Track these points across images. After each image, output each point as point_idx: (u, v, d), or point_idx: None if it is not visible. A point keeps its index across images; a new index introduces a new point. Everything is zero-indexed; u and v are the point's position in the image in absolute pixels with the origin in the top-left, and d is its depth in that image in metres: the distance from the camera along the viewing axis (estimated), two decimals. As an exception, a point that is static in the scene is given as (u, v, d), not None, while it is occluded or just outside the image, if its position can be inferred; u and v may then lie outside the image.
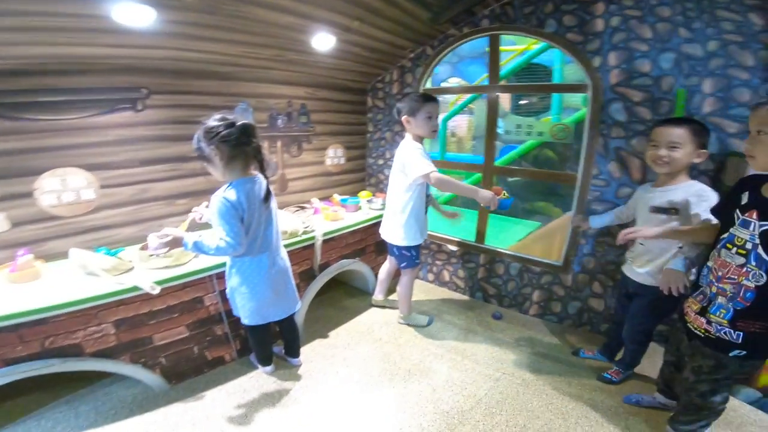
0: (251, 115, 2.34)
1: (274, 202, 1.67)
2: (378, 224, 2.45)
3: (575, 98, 4.26)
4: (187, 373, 1.84)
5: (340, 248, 2.44)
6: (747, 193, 1.21)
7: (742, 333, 1.18)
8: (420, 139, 2.09)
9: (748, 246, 1.14)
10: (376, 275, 2.70)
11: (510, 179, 4.53)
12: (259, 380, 1.88)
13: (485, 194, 1.89)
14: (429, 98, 2.02)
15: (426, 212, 2.25)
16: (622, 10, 2.00)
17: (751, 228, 1.15)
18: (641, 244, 1.72)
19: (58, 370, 1.43)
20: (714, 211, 1.38)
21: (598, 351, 2.08)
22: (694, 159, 1.58)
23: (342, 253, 2.46)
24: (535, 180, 4.49)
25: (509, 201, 2.04)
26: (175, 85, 2.01)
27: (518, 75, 4.21)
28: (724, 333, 1.21)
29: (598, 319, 2.37)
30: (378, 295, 2.62)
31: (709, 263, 1.29)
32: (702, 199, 1.52)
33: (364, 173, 3.34)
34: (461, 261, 2.84)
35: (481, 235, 2.73)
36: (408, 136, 2.08)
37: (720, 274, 1.22)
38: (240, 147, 1.47)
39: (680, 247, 1.57)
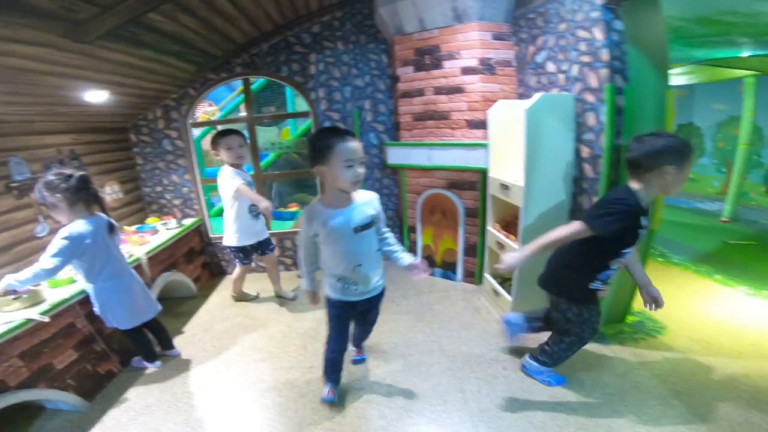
0: (27, 167, 2.44)
1: (118, 232, 2.11)
2: (179, 240, 3.10)
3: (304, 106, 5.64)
4: (94, 389, 2.07)
5: (157, 264, 2.86)
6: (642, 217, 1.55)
7: None
8: (234, 165, 2.68)
9: None
10: (194, 281, 3.27)
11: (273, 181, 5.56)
12: (154, 377, 2.23)
13: (264, 204, 2.55)
14: (224, 134, 2.67)
15: (257, 219, 2.82)
16: (324, 58, 3.29)
17: None
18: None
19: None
20: (615, 230, 1.52)
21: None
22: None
23: (160, 268, 2.89)
24: (291, 178, 5.68)
25: (288, 214, 2.72)
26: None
27: (261, 91, 5.23)
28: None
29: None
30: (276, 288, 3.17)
31: (614, 266, 1.68)
32: (378, 204, 1.72)
33: (142, 202, 3.63)
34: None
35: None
36: (225, 164, 2.69)
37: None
38: (80, 193, 1.88)
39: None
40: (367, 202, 1.65)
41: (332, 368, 1.93)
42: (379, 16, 3.07)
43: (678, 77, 3.95)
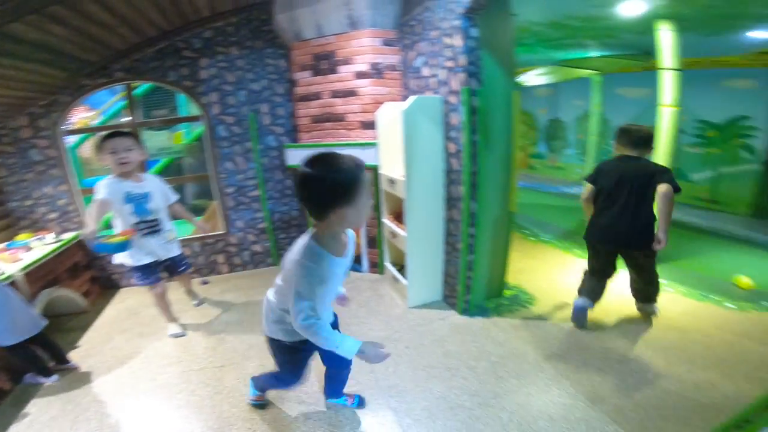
0: None
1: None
2: (59, 255, 2.85)
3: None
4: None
5: (36, 281, 2.59)
6: None
7: None
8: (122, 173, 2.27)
9: None
10: (84, 295, 3.05)
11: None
12: (54, 389, 2.12)
13: (86, 231, 2.00)
14: (108, 137, 2.24)
15: (152, 236, 2.40)
16: (217, 63, 3.24)
17: None
18: None
19: None
20: None
21: None
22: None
23: (40, 285, 2.62)
24: (186, 183, 5.39)
25: (112, 246, 2.13)
26: None
27: (151, 94, 4.87)
28: None
29: (264, 257, 3.78)
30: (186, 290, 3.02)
31: None
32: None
33: (10, 218, 3.22)
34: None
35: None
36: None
37: None
38: None
39: None
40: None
41: (271, 389, 1.92)
42: (278, 23, 3.14)
43: (542, 77, 4.63)
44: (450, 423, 1.77)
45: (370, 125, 3.05)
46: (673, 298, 2.77)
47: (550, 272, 3.28)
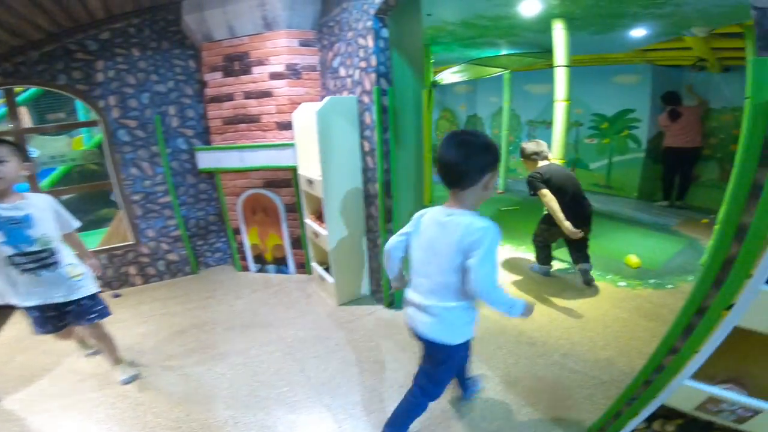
0: None
1: None
2: None
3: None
4: None
5: None
6: None
7: None
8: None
9: None
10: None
11: (64, 197, 4.71)
12: None
13: None
14: None
15: (35, 273, 1.79)
16: (116, 65, 2.98)
17: None
18: None
19: None
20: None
21: None
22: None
23: None
24: (89, 193, 4.90)
25: None
26: None
27: (42, 97, 4.35)
28: None
29: (182, 266, 3.57)
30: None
31: None
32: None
33: None
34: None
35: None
36: None
37: None
38: None
39: None
40: None
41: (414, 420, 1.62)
42: (186, 24, 2.99)
43: (457, 75, 4.87)
44: (383, 415, 1.79)
45: (287, 126, 3.02)
46: (574, 279, 3.09)
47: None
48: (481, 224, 1.22)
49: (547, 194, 2.68)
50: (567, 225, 2.65)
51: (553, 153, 3.12)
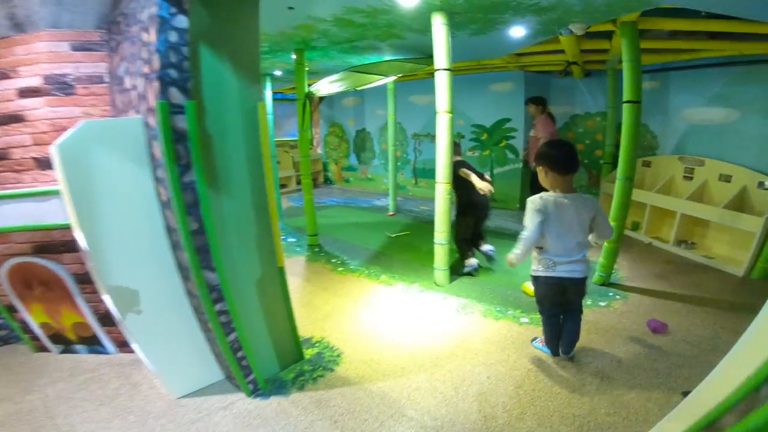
0: None
1: None
2: None
3: None
4: None
5: None
6: None
7: None
8: None
9: None
10: None
11: None
12: None
13: None
14: None
15: None
16: None
17: None
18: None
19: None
20: None
21: None
22: None
23: None
24: None
25: None
26: None
27: None
28: None
29: None
30: None
31: None
32: None
33: None
34: None
35: None
36: None
37: None
38: None
39: None
40: None
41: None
42: None
43: (334, 84, 4.16)
44: None
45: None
46: (473, 323, 2.60)
47: (359, 312, 2.81)
48: (593, 198, 1.96)
49: (466, 171, 3.16)
50: (483, 185, 3.04)
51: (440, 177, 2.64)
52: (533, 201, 1.90)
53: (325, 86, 3.91)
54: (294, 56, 3.76)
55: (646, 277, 3.23)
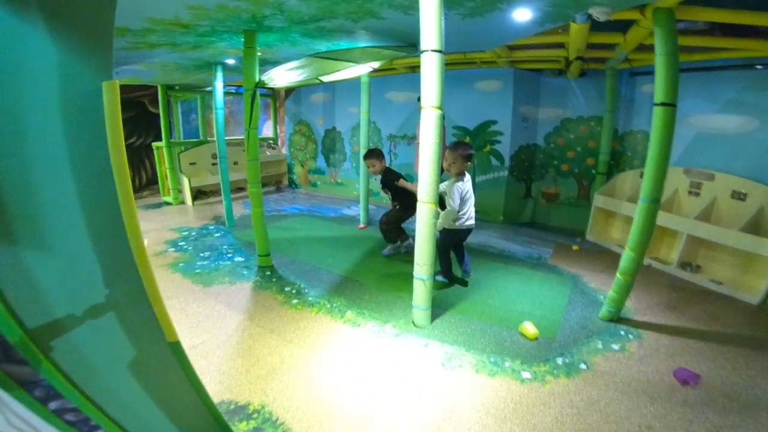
0: None
1: None
2: None
3: None
4: None
5: None
6: None
7: None
8: None
9: None
10: None
11: None
12: None
13: None
14: None
15: None
16: None
17: None
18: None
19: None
20: None
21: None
22: None
23: None
24: None
25: None
26: None
27: None
28: None
29: None
30: None
31: None
32: None
33: None
34: None
35: None
36: None
37: None
38: None
39: None
40: None
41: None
42: None
43: (294, 72, 3.42)
44: None
45: None
46: (463, 382, 2.00)
47: (315, 366, 2.14)
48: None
49: (402, 181, 3.53)
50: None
51: (423, 194, 2.00)
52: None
53: (281, 74, 3.21)
54: (243, 39, 3.03)
55: (656, 309, 2.77)
